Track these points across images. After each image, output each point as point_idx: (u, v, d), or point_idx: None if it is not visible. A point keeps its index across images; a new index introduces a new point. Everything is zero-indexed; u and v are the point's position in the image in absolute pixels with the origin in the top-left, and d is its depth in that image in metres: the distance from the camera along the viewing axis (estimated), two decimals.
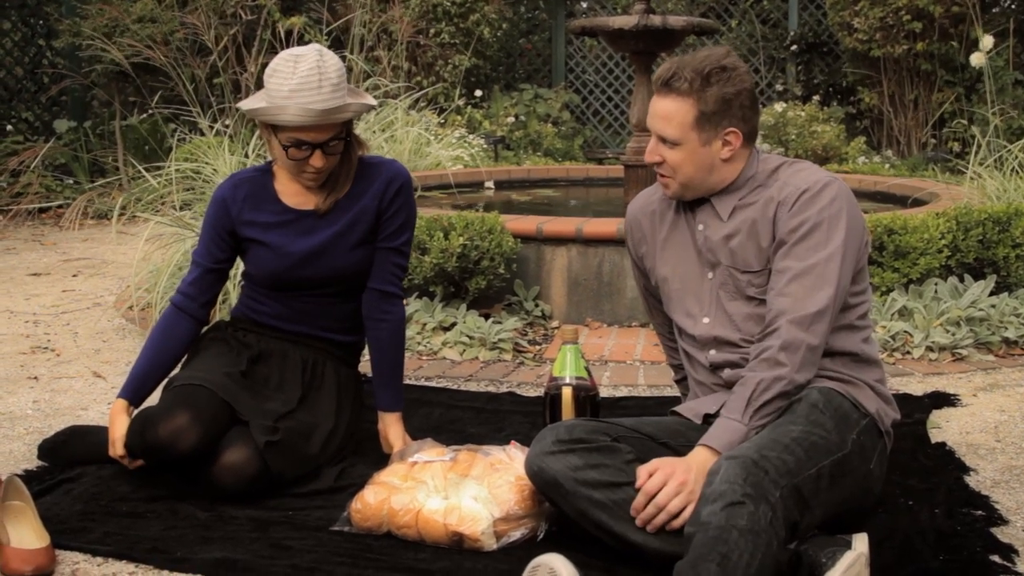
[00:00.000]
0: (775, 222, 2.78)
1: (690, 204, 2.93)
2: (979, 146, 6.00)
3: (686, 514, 2.50)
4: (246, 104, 3.16)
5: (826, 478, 2.54)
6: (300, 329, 3.33)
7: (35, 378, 4.39)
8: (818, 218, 2.71)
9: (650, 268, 3.05)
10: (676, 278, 2.96)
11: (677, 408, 2.94)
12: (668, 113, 2.79)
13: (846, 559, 2.39)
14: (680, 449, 2.72)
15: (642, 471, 2.58)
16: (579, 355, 3.25)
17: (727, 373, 2.84)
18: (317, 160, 3.11)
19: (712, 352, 2.87)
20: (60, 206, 8.96)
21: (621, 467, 2.60)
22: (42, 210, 8.87)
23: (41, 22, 10.35)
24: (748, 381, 2.65)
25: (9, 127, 9.98)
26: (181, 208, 5.51)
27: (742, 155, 2.85)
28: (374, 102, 3.24)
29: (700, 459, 2.58)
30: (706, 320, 2.88)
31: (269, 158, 3.39)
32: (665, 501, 2.53)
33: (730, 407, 2.65)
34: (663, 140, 2.82)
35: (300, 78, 3.03)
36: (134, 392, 3.26)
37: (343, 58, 7.67)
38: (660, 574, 2.52)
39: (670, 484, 2.53)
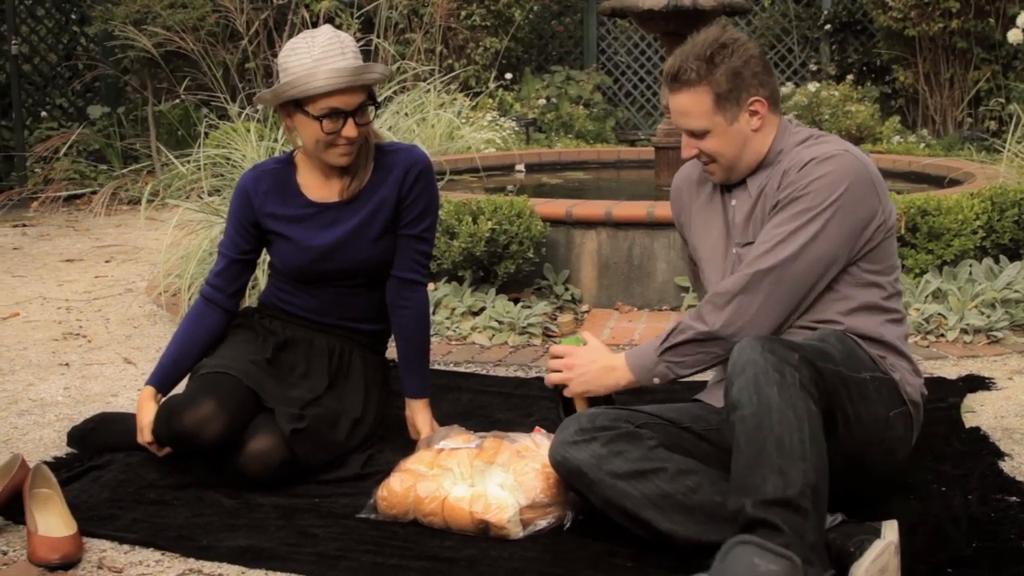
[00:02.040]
0: (777, 189, 2.77)
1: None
2: (1017, 124, 5.92)
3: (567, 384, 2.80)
4: (264, 93, 3.15)
5: (840, 384, 2.51)
6: (326, 319, 3.32)
7: (66, 364, 4.41)
8: (808, 188, 2.69)
9: (688, 237, 3.06)
10: (706, 248, 2.96)
11: (699, 396, 2.93)
12: (686, 107, 2.78)
13: (875, 548, 2.35)
14: (704, 433, 2.71)
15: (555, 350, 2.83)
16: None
17: None
18: (350, 130, 3.09)
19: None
20: (94, 192, 9.00)
21: (645, 454, 2.57)
22: (76, 196, 8.91)
23: (75, 9, 10.38)
24: (673, 322, 2.78)
25: (44, 113, 10.03)
26: (210, 194, 5.51)
27: (772, 122, 2.82)
28: (390, 68, 3.24)
29: (612, 362, 2.77)
30: None
31: (292, 147, 3.37)
32: (551, 370, 2.82)
33: (657, 338, 2.76)
34: (692, 134, 2.80)
35: (321, 48, 3.05)
36: (162, 380, 3.27)
37: (370, 42, 7.69)
38: (688, 562, 2.50)
39: (567, 361, 2.79)
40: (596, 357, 2.77)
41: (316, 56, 3.04)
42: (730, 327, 2.67)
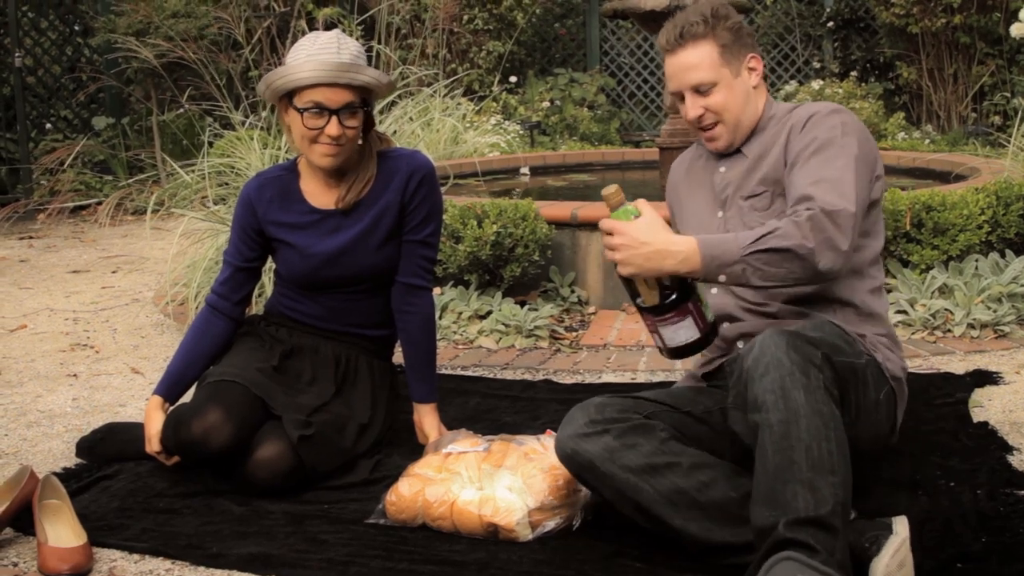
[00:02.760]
0: (787, 146, 2.78)
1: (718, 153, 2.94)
2: (1023, 118, 5.91)
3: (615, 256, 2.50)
4: (259, 85, 3.19)
5: (850, 374, 2.50)
6: (332, 326, 3.33)
7: (74, 375, 4.41)
8: (829, 135, 2.70)
9: (677, 217, 3.08)
10: (690, 216, 2.98)
11: (678, 383, 2.94)
12: (694, 61, 2.81)
13: (892, 544, 2.35)
14: (703, 416, 2.69)
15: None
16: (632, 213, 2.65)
17: (726, 328, 2.82)
18: (333, 128, 3.08)
19: (713, 291, 2.86)
20: (99, 203, 9.02)
21: (658, 448, 2.53)
22: (82, 207, 8.93)
23: (78, 21, 10.41)
24: (772, 225, 2.53)
25: (48, 125, 10.06)
26: (215, 203, 5.52)
27: (763, 86, 2.90)
28: (391, 78, 3.24)
29: (672, 245, 2.47)
30: None
31: (295, 154, 3.38)
32: (606, 245, 2.51)
33: (744, 235, 2.52)
34: (698, 91, 2.82)
35: (320, 46, 3.08)
36: (169, 389, 3.28)
37: (371, 47, 7.70)
38: (696, 562, 2.50)
39: (616, 239, 2.48)
40: (650, 237, 2.47)
41: (311, 52, 3.07)
42: (827, 262, 2.50)
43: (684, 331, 2.52)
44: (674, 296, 2.50)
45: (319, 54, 3.06)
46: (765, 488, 2.26)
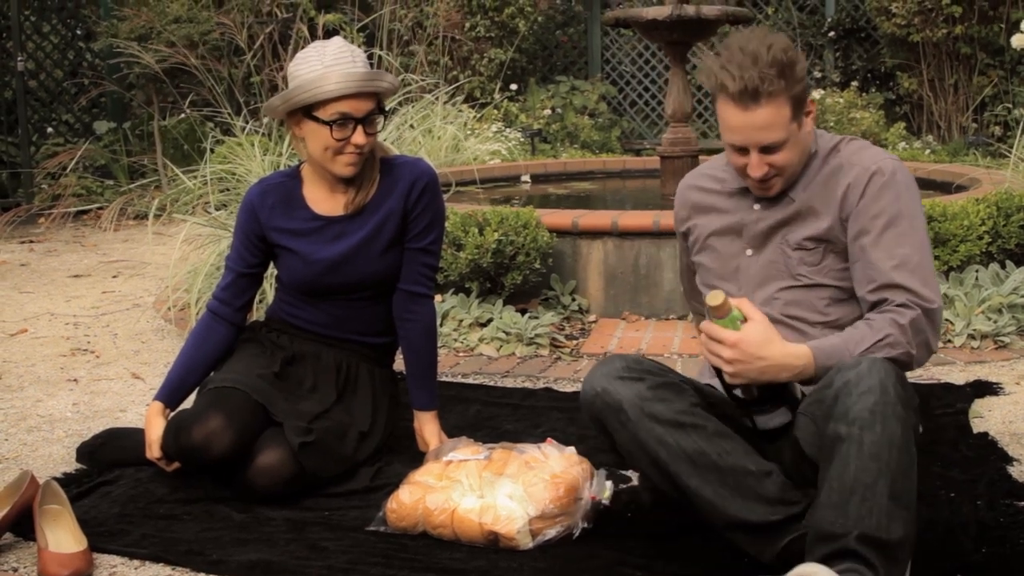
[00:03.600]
0: (843, 203, 2.67)
1: None
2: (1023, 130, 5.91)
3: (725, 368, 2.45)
4: (274, 100, 3.16)
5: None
6: (334, 333, 3.33)
7: (75, 380, 4.42)
8: (897, 206, 2.61)
9: (694, 237, 2.94)
10: (714, 252, 2.85)
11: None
12: (767, 121, 2.60)
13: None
14: (715, 402, 2.64)
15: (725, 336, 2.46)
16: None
17: None
18: (360, 137, 3.10)
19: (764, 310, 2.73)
20: (100, 208, 9.03)
21: (688, 408, 2.50)
22: (83, 212, 8.94)
23: (80, 25, 10.42)
24: (878, 327, 2.51)
25: (50, 129, 10.06)
26: (217, 208, 5.53)
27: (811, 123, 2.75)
28: (397, 81, 3.25)
29: (789, 355, 2.46)
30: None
31: (300, 158, 3.38)
32: (716, 353, 2.46)
33: (852, 341, 2.50)
34: (766, 149, 2.64)
35: (332, 56, 3.08)
36: (170, 395, 3.28)
37: (372, 55, 7.70)
38: (700, 570, 2.50)
39: (728, 352, 2.43)
40: (765, 352, 2.45)
41: (327, 63, 3.06)
42: (916, 361, 2.56)
43: (779, 417, 2.55)
44: (775, 394, 2.53)
45: (337, 65, 3.06)
46: (839, 497, 2.27)
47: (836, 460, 2.30)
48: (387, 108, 3.31)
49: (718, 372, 2.51)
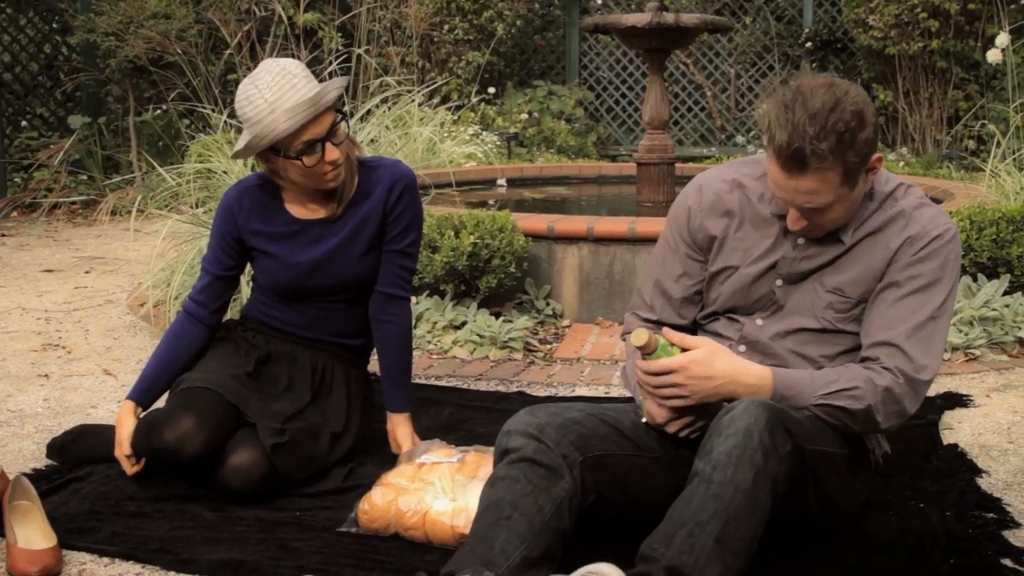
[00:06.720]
0: (894, 256, 2.58)
1: None
2: (999, 143, 5.96)
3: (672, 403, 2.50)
4: (239, 150, 3.11)
5: (826, 463, 2.48)
6: (310, 334, 3.32)
7: (46, 376, 4.39)
8: (936, 276, 2.55)
9: (711, 245, 2.77)
10: (739, 277, 2.72)
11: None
12: (812, 189, 2.44)
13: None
14: (656, 452, 2.64)
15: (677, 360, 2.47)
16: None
17: None
18: (331, 153, 3.09)
19: (742, 348, 2.71)
20: (74, 203, 8.99)
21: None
22: (56, 206, 8.89)
23: (56, 18, 10.36)
24: (850, 378, 2.50)
25: (24, 123, 10.01)
26: (196, 206, 5.51)
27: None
28: (345, 78, 3.23)
29: (742, 376, 2.48)
30: (759, 322, 2.71)
31: None
32: (665, 385, 2.48)
33: (820, 379, 2.50)
34: (810, 208, 2.50)
35: (272, 89, 3.02)
36: (142, 394, 3.26)
37: (350, 55, 7.69)
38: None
39: (678, 377, 2.46)
40: (716, 369, 2.47)
41: (270, 100, 3.01)
42: (888, 424, 2.54)
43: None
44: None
45: (281, 98, 3.01)
46: (671, 528, 2.26)
47: (685, 494, 2.30)
48: (363, 109, 3.28)
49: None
